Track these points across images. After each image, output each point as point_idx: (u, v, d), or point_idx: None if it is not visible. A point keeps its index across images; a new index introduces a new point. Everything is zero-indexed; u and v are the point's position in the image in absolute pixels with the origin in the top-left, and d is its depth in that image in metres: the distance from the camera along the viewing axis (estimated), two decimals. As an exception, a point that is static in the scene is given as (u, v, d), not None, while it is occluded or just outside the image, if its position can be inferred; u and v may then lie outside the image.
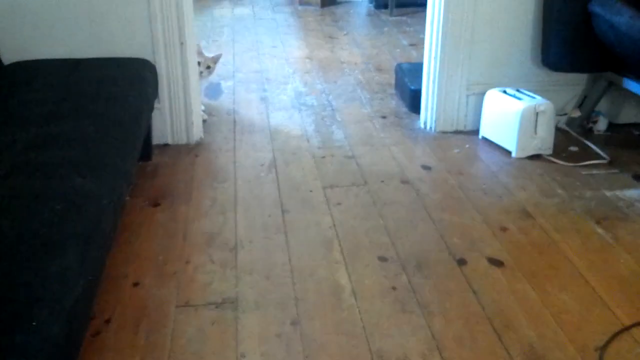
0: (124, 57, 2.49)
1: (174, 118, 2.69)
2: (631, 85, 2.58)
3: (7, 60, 2.41)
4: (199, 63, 2.74)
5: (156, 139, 2.66)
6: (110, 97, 2.06)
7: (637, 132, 2.85)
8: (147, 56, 2.55)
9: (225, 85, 3.46)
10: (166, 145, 2.70)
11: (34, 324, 1.08)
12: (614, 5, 2.43)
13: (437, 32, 2.75)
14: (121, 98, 2.08)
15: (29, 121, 1.87)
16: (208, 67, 2.87)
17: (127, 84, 2.22)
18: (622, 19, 2.37)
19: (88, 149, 1.73)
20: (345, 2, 5.45)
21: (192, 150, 2.68)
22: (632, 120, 2.91)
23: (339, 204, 2.25)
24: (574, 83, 2.86)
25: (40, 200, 1.45)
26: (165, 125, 2.69)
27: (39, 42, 2.52)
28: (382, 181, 2.42)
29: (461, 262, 1.91)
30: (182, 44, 2.59)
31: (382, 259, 1.93)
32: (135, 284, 1.80)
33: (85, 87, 2.13)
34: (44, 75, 2.26)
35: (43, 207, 1.41)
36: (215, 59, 2.93)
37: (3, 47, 2.39)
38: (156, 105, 2.59)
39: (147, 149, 2.53)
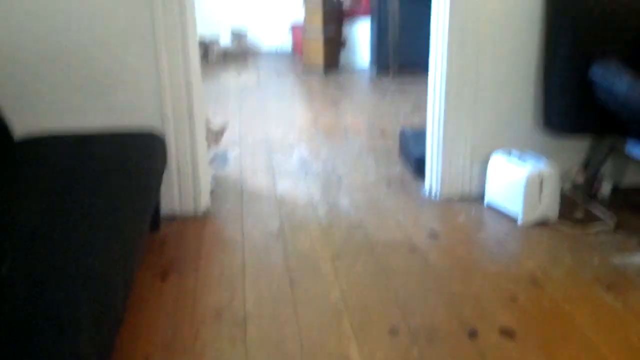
0: (134, 130, 2.53)
1: (182, 188, 2.72)
2: (634, 149, 2.61)
3: (18, 132, 2.45)
4: (207, 134, 2.79)
5: (164, 209, 2.68)
6: (120, 171, 2.09)
7: (641, 196, 2.87)
8: (156, 126, 2.60)
9: (231, 152, 3.51)
10: (174, 215, 2.72)
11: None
12: (613, 72, 2.49)
13: (440, 98, 2.81)
14: (131, 172, 2.11)
15: (40, 197, 1.89)
16: (216, 138, 2.92)
17: (137, 158, 2.25)
18: (621, 85, 2.42)
19: (99, 225, 1.74)
20: (348, 67, 5.56)
21: (199, 220, 2.70)
22: (636, 184, 2.93)
23: (347, 274, 2.25)
24: (578, 146, 2.90)
25: (51, 279, 1.45)
26: (173, 196, 2.72)
27: (51, 114, 2.57)
28: (390, 249, 2.42)
29: (472, 333, 1.90)
30: (190, 114, 2.64)
31: (393, 331, 1.92)
32: (145, 361, 1.79)
33: (96, 161, 2.16)
34: (55, 149, 2.29)
35: (54, 286, 1.42)
36: (223, 130, 2.98)
37: (15, 119, 2.44)
38: (164, 176, 2.62)
39: (155, 220, 2.55)
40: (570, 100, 2.65)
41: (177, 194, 2.72)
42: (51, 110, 2.57)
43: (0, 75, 2.49)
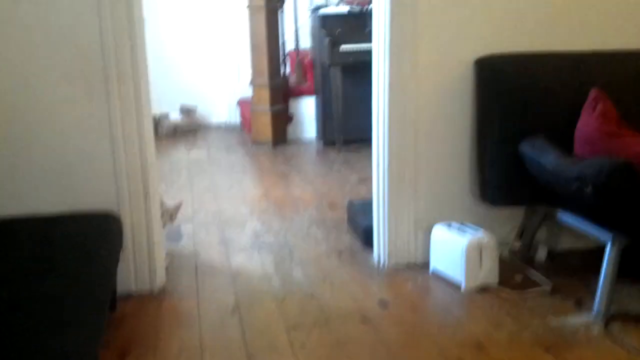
0: (91, 212, 2.60)
1: (137, 267, 2.77)
2: (564, 216, 2.81)
3: (-25, 217, 2.49)
4: (162, 214, 2.88)
5: (120, 288, 2.72)
6: (80, 255, 2.15)
7: (574, 259, 3.06)
8: (113, 207, 2.67)
9: (185, 227, 3.59)
10: (129, 294, 2.77)
11: None
12: (541, 146, 2.70)
13: (384, 171, 2.98)
14: (93, 255, 2.17)
15: (3, 280, 1.93)
16: (171, 217, 3.01)
17: (95, 239, 2.31)
18: (548, 159, 2.63)
19: (63, 308, 1.79)
20: (296, 140, 5.75)
21: (156, 297, 2.75)
22: (570, 247, 3.13)
23: (303, 346, 2.34)
24: (513, 215, 3.09)
25: (19, 361, 1.50)
26: (130, 274, 2.77)
27: (7, 198, 2.61)
28: (343, 320, 2.53)
29: (423, 398, 2.00)
30: (146, 195, 2.73)
31: (348, 400, 2.00)
32: None
33: (57, 244, 2.22)
34: (16, 233, 2.34)
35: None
36: (177, 208, 3.08)
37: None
38: (120, 255, 2.68)
39: (112, 299, 2.59)
40: (502, 175, 2.85)
41: (133, 273, 2.77)
42: (7, 197, 2.61)
43: (-42, 161, 2.54)
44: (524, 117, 2.83)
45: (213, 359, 2.26)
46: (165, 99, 6.03)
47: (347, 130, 5.29)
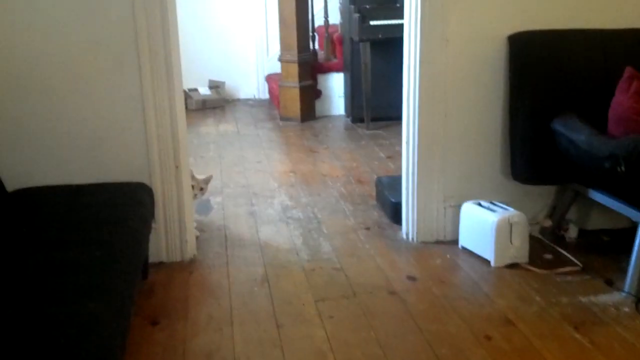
0: (123, 182, 2.64)
1: (168, 237, 2.81)
2: (596, 195, 2.78)
3: (9, 187, 2.53)
4: (192, 186, 2.92)
5: (151, 257, 2.77)
6: (112, 222, 2.18)
7: (606, 238, 3.03)
8: (144, 179, 2.71)
9: (214, 200, 3.62)
10: (161, 263, 2.81)
11: None
12: (574, 124, 2.67)
13: (413, 147, 2.97)
14: (123, 223, 2.21)
15: (36, 248, 1.98)
16: (201, 189, 3.04)
17: (127, 209, 2.35)
18: (581, 136, 2.60)
19: (96, 275, 1.82)
20: (324, 116, 5.73)
21: (186, 267, 2.79)
22: (601, 226, 3.10)
23: (330, 316, 2.36)
24: (544, 193, 3.06)
25: (54, 326, 1.54)
26: (160, 244, 2.81)
27: (41, 169, 2.65)
28: (370, 292, 2.54)
29: (450, 371, 2.02)
30: (177, 167, 2.76)
31: (376, 370, 2.03)
32: (140, 404, 1.87)
33: (89, 213, 2.26)
34: (49, 202, 2.39)
35: (58, 333, 1.51)
36: (207, 181, 3.11)
37: (5, 174, 2.52)
38: (152, 225, 2.72)
39: (144, 268, 2.64)
40: (534, 153, 2.83)
41: (164, 243, 2.81)
42: (41, 166, 2.65)
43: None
44: (556, 94, 2.80)
45: (242, 328, 2.29)
46: (194, 74, 6.05)
47: (376, 107, 5.26)
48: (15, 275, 1.79)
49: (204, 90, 6.33)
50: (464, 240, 2.91)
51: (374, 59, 5.20)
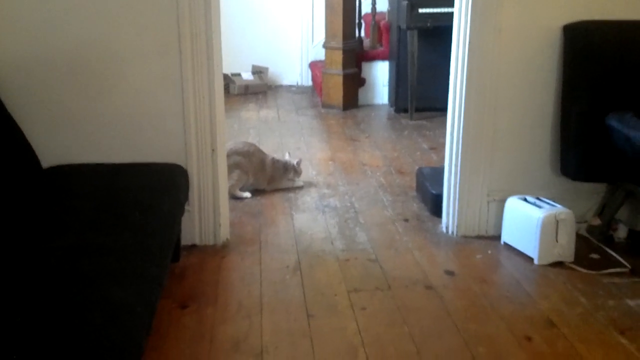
0: (159, 163, 2.60)
1: (202, 220, 2.77)
2: (650, 195, 2.64)
3: (45, 164, 2.53)
4: (287, 169, 3.50)
5: (184, 240, 2.73)
6: (146, 205, 2.13)
7: (657, 240, 2.88)
8: (180, 162, 2.67)
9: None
10: (194, 246, 2.77)
11: None
12: (630, 120, 2.53)
13: (458, 139, 2.86)
14: (156, 206, 2.16)
15: (68, 229, 1.94)
16: (295, 171, 3.48)
17: (162, 192, 2.30)
18: (638, 133, 2.46)
19: (125, 259, 1.78)
20: (367, 105, 5.63)
21: (218, 251, 2.75)
22: (652, 228, 2.95)
23: (363, 308, 2.28)
24: (594, 191, 2.92)
25: (79, 310, 1.50)
26: (194, 227, 2.77)
27: (78, 147, 2.64)
28: (406, 286, 2.45)
29: (487, 372, 1.92)
30: (213, 150, 2.71)
31: (408, 368, 1.94)
32: (163, 389, 1.83)
33: (122, 194, 2.22)
34: (83, 181, 2.36)
35: (82, 317, 1.46)
36: (299, 164, 3.51)
37: (42, 150, 2.51)
38: (186, 207, 2.69)
39: (175, 251, 2.60)
40: (586, 149, 2.69)
41: (197, 226, 2.77)
42: (78, 145, 2.64)
43: (32, 108, 2.57)
44: (613, 88, 2.66)
45: (272, 317, 2.23)
46: (238, 59, 6.01)
47: (421, 97, 5.12)
48: (43, 257, 1.75)
49: (247, 76, 6.29)
50: (507, 236, 2.79)
51: (421, 47, 5.06)
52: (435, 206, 3.12)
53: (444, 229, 2.99)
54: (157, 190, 2.29)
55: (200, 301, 2.33)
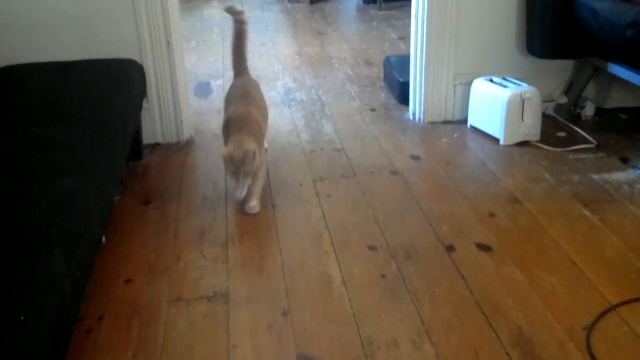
0: (112, 59, 2.50)
1: (163, 117, 2.70)
2: (616, 69, 2.60)
3: (-4, 65, 2.43)
4: (231, 163, 2.08)
5: (147, 139, 2.68)
6: (97, 99, 2.07)
7: (624, 116, 2.87)
8: (135, 56, 2.57)
9: (215, 83, 3.48)
10: (157, 144, 2.72)
11: (21, 320, 1.09)
12: (596, -9, 2.45)
13: (422, 24, 2.77)
14: (108, 100, 2.09)
15: (16, 125, 1.88)
16: (241, 170, 2.07)
17: (114, 86, 2.23)
18: (603, 4, 2.39)
19: (75, 152, 1.73)
20: (334, -2, 5.46)
21: (182, 148, 2.70)
22: (619, 104, 2.93)
23: (328, 196, 2.27)
24: (560, 70, 2.88)
25: (27, 202, 1.46)
26: (155, 125, 2.71)
27: (27, 46, 2.53)
28: (372, 172, 2.44)
29: (450, 248, 1.93)
30: (168, 43, 2.61)
31: (372, 248, 1.95)
32: (127, 282, 1.82)
33: (72, 90, 2.14)
34: (32, 79, 2.27)
35: (30, 208, 1.43)
36: (246, 155, 2.06)
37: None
38: (145, 105, 2.61)
39: (137, 149, 2.55)
40: (552, 25, 2.63)
41: (159, 123, 2.71)
42: (28, 43, 2.53)
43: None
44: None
45: (236, 209, 2.21)
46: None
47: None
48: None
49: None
50: (473, 119, 2.77)
51: None
52: (402, 94, 3.07)
53: (411, 117, 2.95)
54: (108, 84, 2.21)
55: (164, 197, 2.30)
